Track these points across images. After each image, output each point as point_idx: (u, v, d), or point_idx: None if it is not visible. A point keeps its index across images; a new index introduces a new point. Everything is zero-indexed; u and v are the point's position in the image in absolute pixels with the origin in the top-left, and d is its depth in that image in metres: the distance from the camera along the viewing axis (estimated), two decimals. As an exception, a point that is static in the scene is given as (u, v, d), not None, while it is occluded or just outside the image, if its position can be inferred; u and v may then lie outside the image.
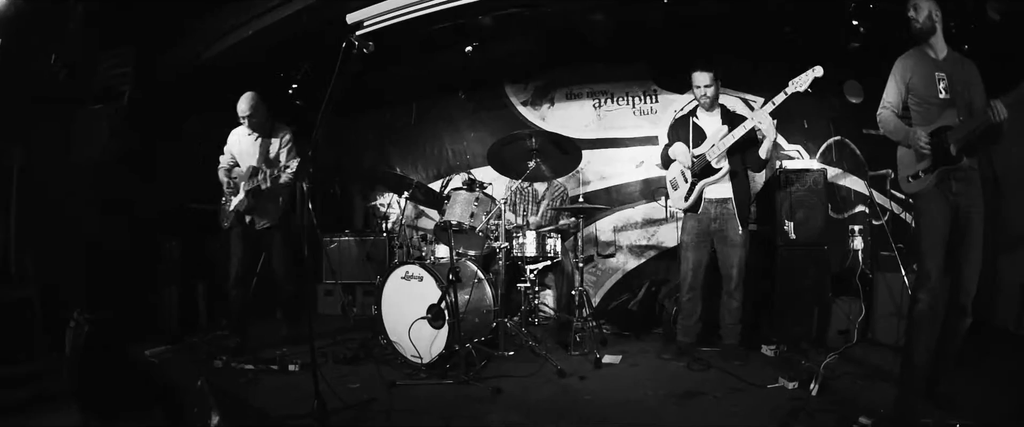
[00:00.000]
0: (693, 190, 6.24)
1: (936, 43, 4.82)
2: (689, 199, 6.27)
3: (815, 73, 5.54)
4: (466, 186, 6.62)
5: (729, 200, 6.24)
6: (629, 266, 8.78)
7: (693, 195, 6.24)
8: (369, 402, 4.84)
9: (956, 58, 4.86)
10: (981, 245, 4.70)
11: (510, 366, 5.92)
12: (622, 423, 4.65)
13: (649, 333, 7.60)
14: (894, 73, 4.96)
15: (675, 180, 6.46)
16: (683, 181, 6.36)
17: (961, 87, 4.72)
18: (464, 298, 5.84)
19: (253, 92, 6.51)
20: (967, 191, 4.68)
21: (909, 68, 4.88)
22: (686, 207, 6.35)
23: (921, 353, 4.70)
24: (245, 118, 6.45)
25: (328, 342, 6.81)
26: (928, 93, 4.79)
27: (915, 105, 4.85)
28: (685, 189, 6.32)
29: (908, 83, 4.87)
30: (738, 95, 8.28)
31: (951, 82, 4.72)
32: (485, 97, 9.34)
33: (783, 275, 7.17)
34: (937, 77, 4.75)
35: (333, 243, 8.85)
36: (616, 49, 8.16)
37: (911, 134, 4.72)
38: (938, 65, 4.79)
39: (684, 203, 6.33)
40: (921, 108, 4.82)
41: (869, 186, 8.10)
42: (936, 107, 4.72)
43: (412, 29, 6.88)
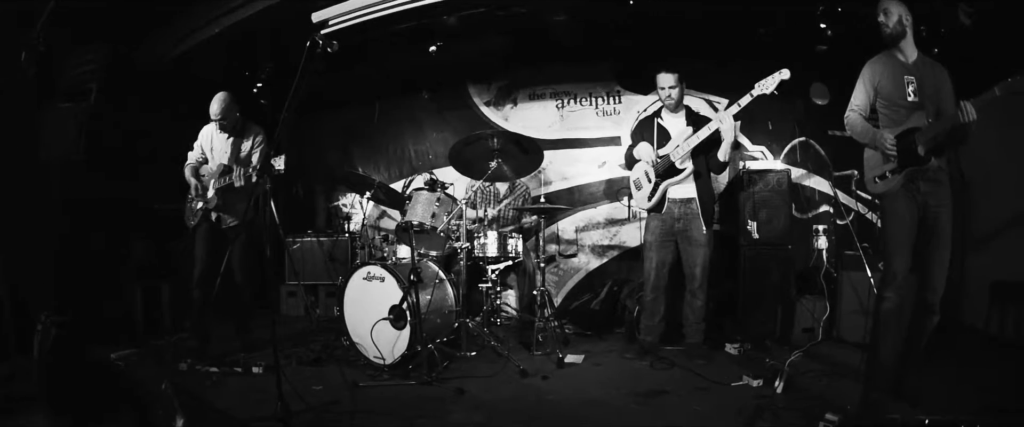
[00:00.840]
0: (657, 190, 6.28)
1: (906, 47, 4.88)
2: (653, 199, 6.31)
3: (781, 76, 5.59)
4: (428, 186, 6.63)
5: (693, 200, 6.29)
6: (591, 266, 8.86)
7: (657, 195, 6.28)
8: (332, 404, 4.84)
9: (926, 62, 4.92)
10: (950, 245, 4.77)
11: (473, 366, 5.97)
12: (586, 423, 4.71)
13: (612, 333, 7.67)
14: (862, 76, 5.02)
15: (639, 180, 6.49)
16: (647, 181, 6.39)
17: (931, 90, 4.79)
18: (426, 299, 5.86)
19: (226, 93, 6.41)
20: (935, 191, 4.75)
21: (878, 72, 4.94)
22: (650, 207, 6.39)
23: (887, 350, 4.78)
24: (217, 120, 6.38)
25: (292, 344, 6.81)
26: (897, 96, 4.85)
27: (883, 108, 4.92)
28: (649, 189, 6.36)
29: (877, 86, 4.93)
30: (702, 96, 8.37)
31: (920, 85, 4.79)
32: (448, 97, 9.37)
33: (747, 274, 7.29)
34: (906, 80, 4.81)
35: (296, 244, 8.82)
36: (580, 49, 8.28)
37: (878, 136, 4.78)
38: (907, 68, 4.86)
39: (648, 203, 6.37)
40: (889, 111, 4.88)
41: (834, 186, 8.21)
42: (904, 110, 4.80)
43: (377, 28, 6.93)
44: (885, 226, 4.90)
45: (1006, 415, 4.49)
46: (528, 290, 7.47)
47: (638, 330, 6.72)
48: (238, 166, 6.27)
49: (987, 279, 6.94)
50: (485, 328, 6.64)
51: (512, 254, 7.01)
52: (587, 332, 7.69)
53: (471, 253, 6.82)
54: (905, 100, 4.80)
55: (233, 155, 6.44)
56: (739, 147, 8.40)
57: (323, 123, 9.75)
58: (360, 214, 7.35)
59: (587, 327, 7.78)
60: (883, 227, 4.96)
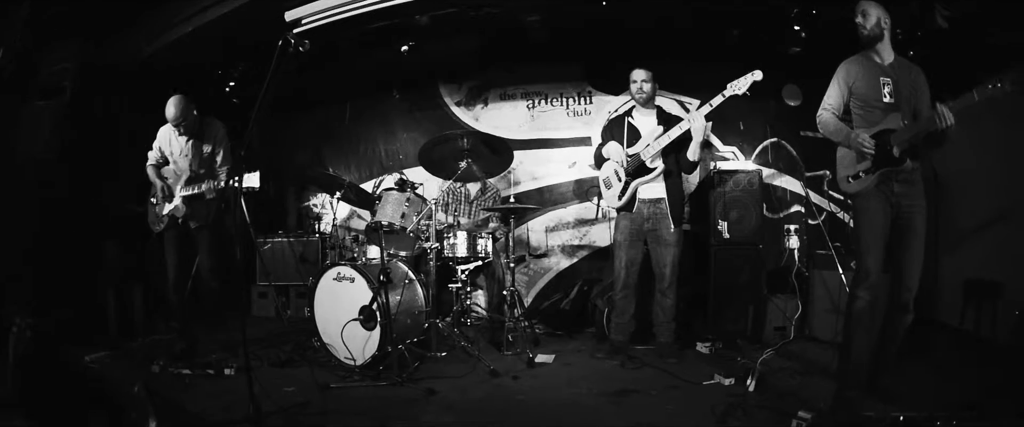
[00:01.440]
0: (627, 189, 6.33)
1: (882, 49, 4.92)
2: (623, 198, 6.36)
3: (754, 77, 5.66)
4: (398, 187, 6.61)
5: (662, 200, 6.36)
6: (561, 266, 8.93)
7: (627, 194, 6.34)
8: (304, 405, 4.84)
9: (903, 64, 4.97)
10: (923, 245, 4.83)
11: (443, 367, 5.97)
12: (557, 422, 4.74)
13: (582, 332, 7.72)
14: (837, 76, 5.05)
15: (608, 179, 6.55)
16: (616, 180, 6.46)
17: (907, 92, 4.83)
18: (396, 299, 5.88)
19: (181, 95, 6.27)
20: (909, 192, 4.81)
21: (853, 72, 4.96)
22: (619, 206, 6.43)
23: (860, 348, 4.83)
24: (177, 123, 6.25)
25: (263, 345, 6.76)
26: (872, 97, 4.88)
27: (858, 108, 4.95)
28: (618, 188, 6.41)
29: (851, 86, 4.95)
30: (674, 97, 8.46)
31: (896, 87, 4.83)
32: (419, 97, 9.39)
33: (717, 274, 7.33)
34: (882, 81, 4.85)
35: (267, 244, 8.80)
36: (552, 50, 8.27)
37: (852, 135, 4.81)
38: (884, 70, 4.89)
39: (617, 202, 6.42)
40: (864, 111, 4.91)
41: (805, 186, 8.33)
42: (880, 110, 4.83)
43: (349, 28, 6.93)
44: (858, 225, 4.94)
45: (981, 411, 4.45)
46: (498, 290, 7.50)
47: (608, 329, 6.78)
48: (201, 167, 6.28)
49: (961, 277, 7.03)
50: (455, 328, 6.67)
51: (482, 254, 7.01)
52: (557, 332, 7.75)
53: (441, 253, 6.81)
54: (881, 101, 4.84)
55: (195, 157, 6.37)
56: (710, 147, 8.48)
57: (294, 123, 9.70)
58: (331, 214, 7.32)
59: (557, 327, 7.84)
60: (855, 226, 5.00)
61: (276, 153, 9.72)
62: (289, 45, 4.33)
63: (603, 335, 7.01)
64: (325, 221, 8.82)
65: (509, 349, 6.59)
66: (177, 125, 6.22)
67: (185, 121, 6.21)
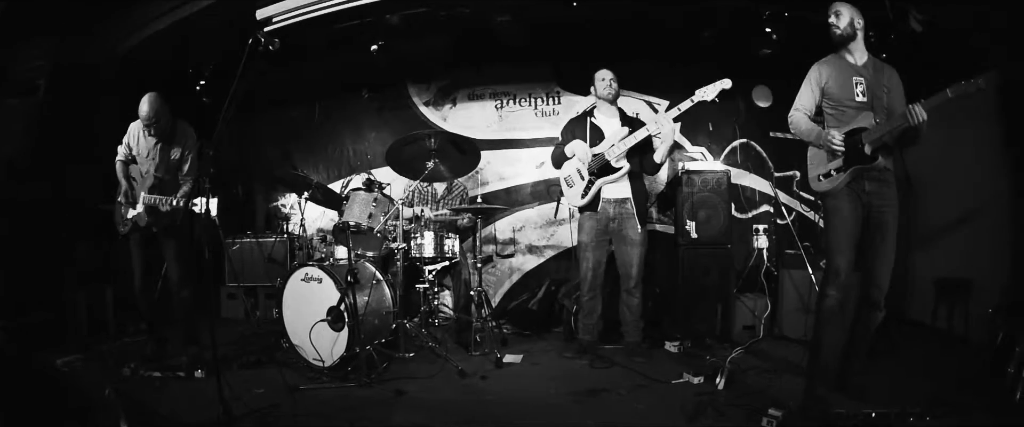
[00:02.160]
0: (591, 188, 6.38)
1: (855, 49, 4.97)
2: (586, 197, 6.41)
3: (723, 85, 5.80)
4: (365, 187, 6.71)
5: (627, 200, 6.42)
6: (528, 266, 9.01)
7: (590, 193, 6.39)
8: (273, 407, 4.82)
9: (876, 64, 5.01)
10: (894, 243, 4.90)
11: (411, 367, 5.97)
12: (526, 422, 4.78)
13: (550, 332, 7.81)
14: (809, 77, 5.09)
15: (570, 177, 6.58)
16: (579, 179, 6.49)
17: (880, 91, 4.88)
18: (363, 300, 5.88)
19: (155, 93, 6.06)
20: (881, 191, 4.88)
21: (826, 73, 5.01)
22: (583, 205, 6.48)
23: (829, 346, 4.91)
24: (149, 125, 6.05)
25: (233, 347, 6.73)
26: (845, 96, 4.92)
27: (830, 108, 5.00)
28: (581, 186, 6.46)
29: (824, 87, 5.00)
30: (643, 98, 8.56)
31: (869, 86, 4.88)
32: (388, 97, 9.46)
33: (685, 273, 7.38)
34: (855, 81, 4.90)
35: (235, 245, 8.71)
36: (522, 50, 8.34)
37: (824, 134, 4.85)
38: (856, 70, 4.94)
39: (580, 200, 6.47)
40: (836, 111, 4.96)
41: (774, 187, 8.43)
42: (852, 110, 4.88)
43: (319, 26, 6.96)
44: (828, 224, 5.00)
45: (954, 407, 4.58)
46: (465, 291, 7.52)
47: (576, 329, 6.88)
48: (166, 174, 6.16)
49: (932, 275, 7.19)
50: (423, 329, 6.71)
51: (449, 254, 7.05)
52: (525, 332, 7.80)
53: (408, 253, 6.81)
54: (853, 101, 4.89)
55: (162, 163, 6.20)
56: (679, 148, 8.59)
57: (264, 122, 9.70)
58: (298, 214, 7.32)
59: (525, 327, 7.89)
60: (826, 225, 5.07)
61: (245, 152, 9.67)
62: (259, 44, 4.40)
63: (571, 335, 7.12)
64: (293, 221, 8.76)
65: (477, 349, 6.63)
66: (148, 125, 6.06)
67: (158, 121, 6.03)
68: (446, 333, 7.19)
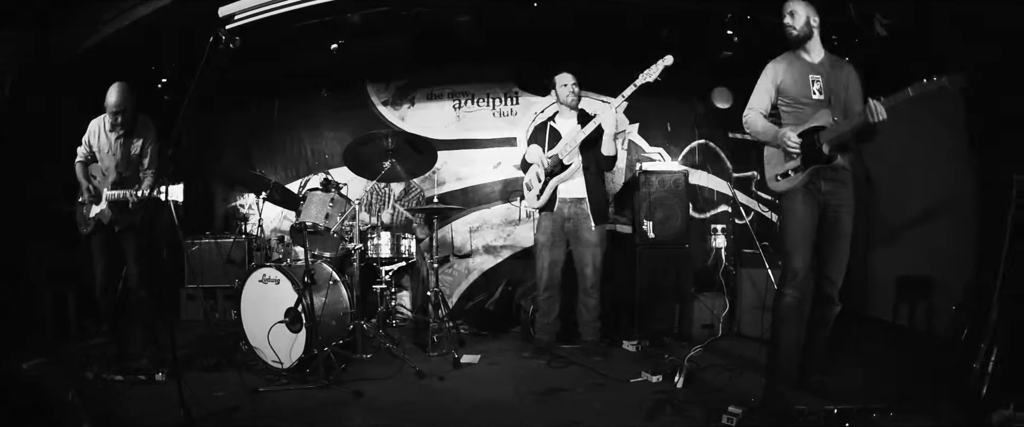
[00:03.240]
0: (546, 188, 6.50)
1: (812, 48, 5.00)
2: (543, 197, 6.52)
3: (665, 62, 5.90)
4: (322, 187, 6.69)
5: (583, 200, 6.50)
6: (485, 266, 9.12)
7: (546, 193, 6.50)
8: (233, 410, 4.83)
9: (833, 61, 5.05)
10: (849, 241, 4.95)
11: (369, 369, 6.01)
12: (484, 422, 4.84)
13: (507, 332, 7.88)
14: (764, 76, 5.14)
15: (530, 182, 6.71)
16: (537, 182, 6.60)
17: (838, 88, 4.91)
18: (320, 301, 5.88)
19: (123, 83, 6.11)
20: (837, 190, 4.91)
21: (781, 70, 5.05)
22: (540, 205, 6.58)
23: (788, 343, 4.96)
24: (117, 112, 6.06)
25: (193, 350, 6.65)
26: (801, 94, 4.95)
27: (786, 106, 5.03)
28: (538, 188, 6.58)
29: (779, 85, 5.04)
30: (600, 98, 8.53)
31: (826, 83, 4.91)
32: (347, 96, 9.50)
33: (643, 273, 7.45)
34: (811, 79, 4.93)
35: (194, 246, 8.59)
36: (481, 50, 8.42)
37: (780, 134, 4.88)
38: (813, 67, 4.97)
39: (538, 201, 6.58)
40: (793, 109, 4.99)
41: (733, 187, 8.59)
42: (809, 107, 4.90)
43: (280, 25, 6.95)
44: (785, 224, 5.04)
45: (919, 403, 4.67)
46: (422, 291, 7.54)
47: (533, 329, 6.89)
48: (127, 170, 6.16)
49: (893, 273, 7.28)
50: (381, 330, 6.73)
51: (405, 255, 7.10)
52: (483, 332, 7.88)
53: (364, 254, 6.87)
54: (810, 98, 4.91)
55: (123, 158, 6.22)
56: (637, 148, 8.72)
57: (223, 121, 9.67)
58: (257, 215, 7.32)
59: (483, 327, 7.97)
60: (782, 225, 5.10)
61: (204, 152, 9.60)
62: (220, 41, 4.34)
63: (528, 335, 7.14)
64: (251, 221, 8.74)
65: (435, 350, 6.68)
66: (116, 113, 6.07)
67: (124, 110, 6.08)
68: (404, 334, 7.32)
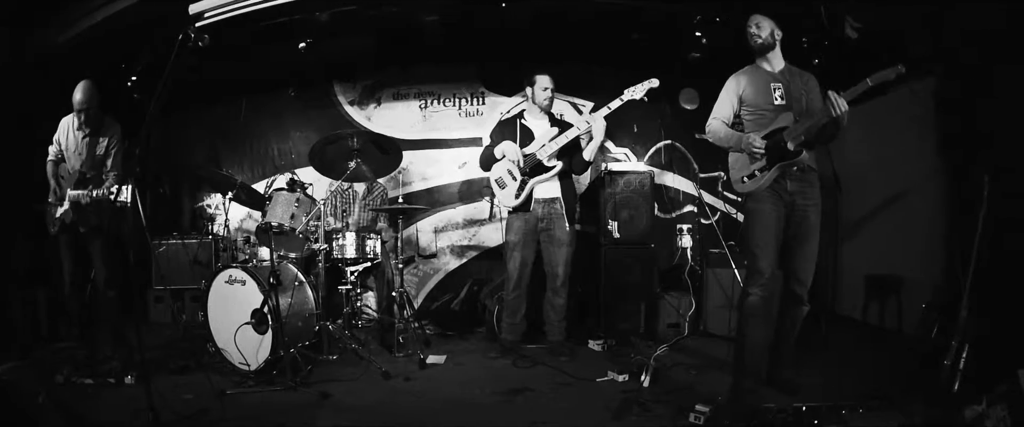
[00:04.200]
0: (523, 188, 6.52)
1: (773, 58, 5.19)
2: (519, 197, 6.53)
3: (651, 84, 6.03)
4: (288, 187, 6.69)
5: (557, 200, 6.61)
6: (450, 266, 9.22)
7: (524, 193, 6.51)
8: (202, 413, 4.84)
9: (793, 70, 5.22)
10: (817, 240, 5.09)
11: (336, 370, 6.04)
12: (451, 423, 4.88)
13: (473, 332, 7.94)
14: (727, 88, 5.30)
15: (501, 179, 6.68)
16: (511, 179, 6.60)
17: (798, 94, 5.07)
18: (286, 302, 5.92)
19: (89, 81, 6.12)
20: (804, 190, 5.06)
21: (743, 82, 5.21)
22: (516, 205, 6.57)
23: (754, 342, 5.09)
24: (82, 110, 6.08)
25: (161, 352, 6.62)
26: (763, 102, 5.10)
27: (749, 114, 5.19)
28: (514, 187, 6.57)
29: (741, 95, 5.19)
30: (569, 99, 8.73)
31: (788, 90, 5.07)
32: (314, 95, 9.52)
33: (608, 273, 7.59)
34: (772, 87, 5.09)
35: (162, 246, 8.52)
36: (448, 50, 8.56)
37: (744, 139, 5.03)
38: (774, 77, 5.14)
39: (514, 201, 6.57)
40: (755, 116, 5.14)
41: (699, 187, 8.66)
42: (771, 113, 5.04)
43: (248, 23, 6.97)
44: (750, 225, 5.14)
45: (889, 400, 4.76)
46: (387, 291, 7.51)
47: (499, 329, 7.01)
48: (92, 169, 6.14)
49: (861, 273, 7.50)
50: (346, 331, 6.74)
51: (370, 255, 7.06)
52: (448, 332, 7.93)
53: (330, 255, 6.84)
54: (772, 105, 5.07)
55: (89, 154, 6.21)
56: (604, 148, 8.78)
57: (191, 120, 9.59)
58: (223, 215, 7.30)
59: (448, 327, 8.01)
60: (748, 226, 5.21)
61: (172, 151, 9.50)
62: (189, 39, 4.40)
63: (494, 335, 7.22)
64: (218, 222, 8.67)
65: (400, 351, 6.72)
66: (81, 110, 6.09)
67: (89, 108, 6.09)
68: (370, 335, 7.30)
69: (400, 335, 6.86)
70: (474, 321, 8.09)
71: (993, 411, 4.01)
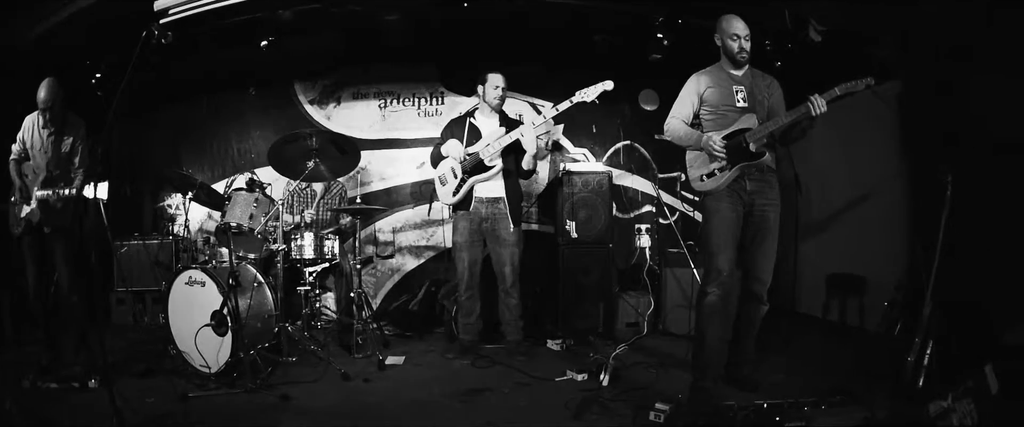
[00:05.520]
0: (462, 186, 6.65)
1: None
2: (458, 195, 6.67)
3: (605, 86, 6.07)
4: (247, 186, 6.75)
5: (501, 199, 6.72)
6: (408, 267, 9.43)
7: (462, 191, 6.65)
8: (164, 416, 4.87)
9: (756, 74, 5.32)
10: (776, 240, 5.22)
11: (295, 372, 6.09)
12: (411, 424, 4.96)
13: (431, 333, 8.05)
14: (688, 87, 5.37)
15: (444, 176, 6.80)
16: (452, 177, 6.71)
17: (761, 97, 5.19)
18: (245, 303, 5.95)
19: (52, 79, 6.12)
20: (763, 190, 5.16)
21: (705, 82, 5.27)
22: (454, 202, 6.73)
23: (713, 341, 5.17)
24: (46, 108, 6.11)
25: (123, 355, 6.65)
26: (725, 103, 5.19)
27: (709, 114, 5.26)
28: (454, 184, 6.70)
29: (702, 95, 5.26)
30: (527, 99, 8.88)
31: (750, 92, 5.18)
32: (274, 94, 9.59)
33: (566, 272, 7.73)
34: (735, 89, 5.20)
35: (123, 247, 8.50)
36: (408, 50, 8.68)
37: (705, 138, 5.11)
38: (736, 79, 5.24)
39: (452, 198, 6.73)
40: (715, 116, 5.22)
41: (657, 188, 8.81)
42: (734, 113, 5.14)
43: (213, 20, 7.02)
44: (708, 224, 5.25)
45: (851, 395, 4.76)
46: (345, 292, 7.56)
47: (457, 329, 7.07)
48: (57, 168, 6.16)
49: (822, 272, 7.69)
50: (306, 332, 6.79)
51: (329, 256, 7.14)
52: (407, 333, 8.02)
53: (288, 255, 6.90)
54: (734, 106, 5.16)
55: (54, 153, 6.21)
56: (561, 149, 8.92)
57: (153, 118, 9.67)
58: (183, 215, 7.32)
59: (406, 328, 8.12)
60: (706, 225, 5.30)
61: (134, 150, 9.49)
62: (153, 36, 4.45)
63: (452, 335, 7.31)
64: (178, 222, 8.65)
65: (359, 352, 6.80)
66: (45, 109, 6.12)
67: (53, 106, 6.11)
68: (329, 336, 7.34)
69: (359, 336, 6.92)
70: (432, 321, 8.20)
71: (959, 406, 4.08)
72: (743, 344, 5.49)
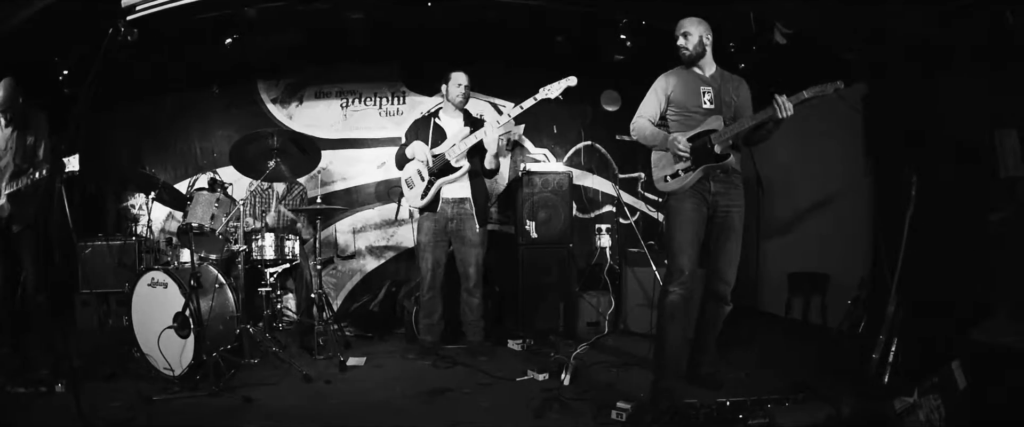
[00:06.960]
0: (430, 188, 6.71)
1: (704, 63, 5.37)
2: (426, 197, 6.72)
3: (568, 82, 6.15)
4: (209, 186, 6.84)
5: (467, 200, 6.82)
6: (369, 267, 9.56)
7: (430, 193, 6.71)
8: (130, 420, 4.88)
9: (725, 75, 5.43)
10: (739, 240, 5.36)
11: (257, 374, 6.13)
12: (372, 424, 5.05)
13: (392, 333, 8.15)
14: (655, 87, 5.49)
15: (411, 179, 6.84)
16: (419, 179, 6.77)
17: (728, 99, 5.30)
18: (207, 305, 5.99)
19: (10, 79, 6.10)
20: (727, 191, 5.30)
21: (672, 83, 5.39)
22: (423, 205, 6.77)
23: (674, 340, 5.27)
24: (4, 110, 6.14)
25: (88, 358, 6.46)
26: (692, 104, 5.29)
27: (676, 115, 5.37)
28: (421, 187, 6.75)
29: (669, 95, 5.37)
30: (490, 99, 9.08)
31: (717, 94, 5.29)
32: (237, 93, 9.60)
33: (526, 272, 7.95)
34: (702, 90, 5.30)
35: (87, 248, 8.34)
36: (371, 49, 8.67)
37: (670, 139, 5.20)
38: (704, 80, 5.34)
39: (420, 201, 6.77)
40: (682, 117, 5.32)
41: (618, 188, 9.01)
42: (700, 115, 5.25)
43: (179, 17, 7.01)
44: (672, 224, 5.35)
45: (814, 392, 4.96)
46: (306, 293, 7.55)
47: (417, 330, 7.15)
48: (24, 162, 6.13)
49: (784, 270, 7.88)
50: (267, 334, 6.75)
51: (290, 256, 7.18)
52: (368, 334, 8.11)
53: (249, 256, 6.96)
54: (701, 108, 5.27)
55: (19, 151, 6.18)
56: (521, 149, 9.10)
57: (117, 116, 9.54)
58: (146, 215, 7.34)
59: (367, 329, 8.21)
60: (669, 225, 5.42)
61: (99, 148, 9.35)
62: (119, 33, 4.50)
63: (413, 336, 7.37)
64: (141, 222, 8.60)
65: (321, 353, 6.85)
66: (4, 111, 6.14)
67: (12, 106, 6.14)
68: (290, 337, 7.49)
69: (320, 337, 6.99)
70: (393, 322, 8.32)
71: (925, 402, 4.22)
72: (705, 343, 5.64)
